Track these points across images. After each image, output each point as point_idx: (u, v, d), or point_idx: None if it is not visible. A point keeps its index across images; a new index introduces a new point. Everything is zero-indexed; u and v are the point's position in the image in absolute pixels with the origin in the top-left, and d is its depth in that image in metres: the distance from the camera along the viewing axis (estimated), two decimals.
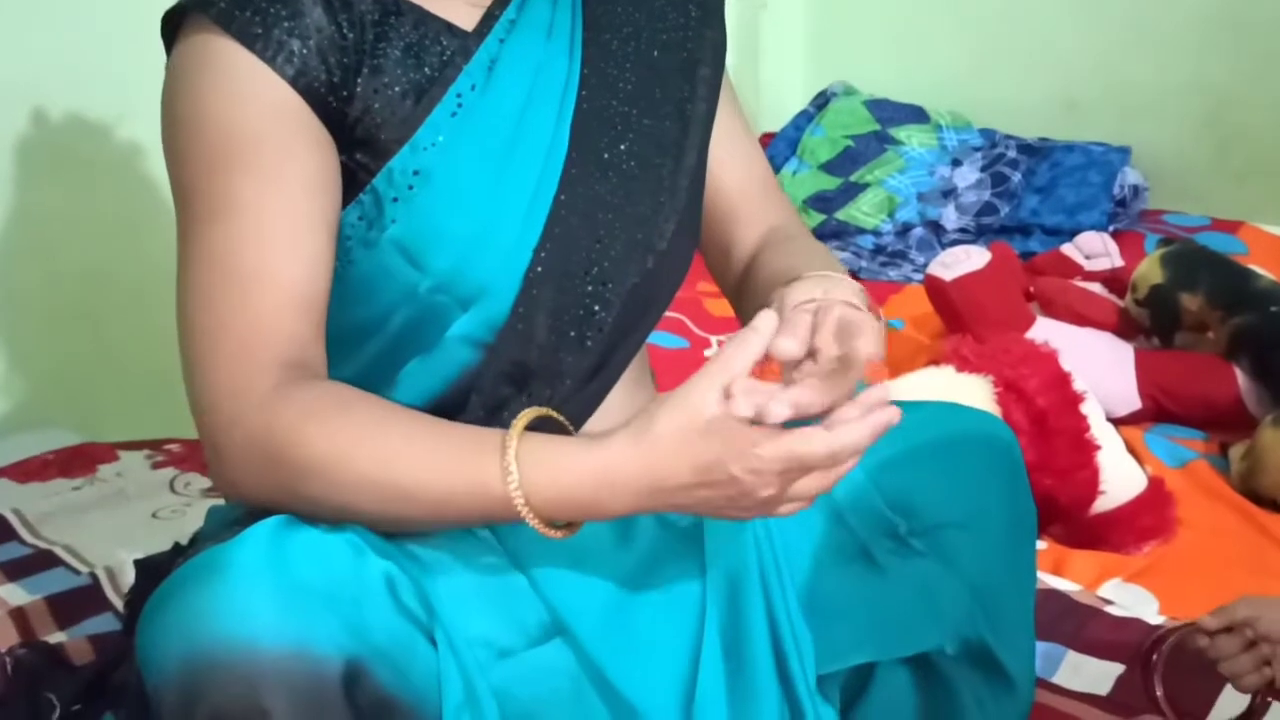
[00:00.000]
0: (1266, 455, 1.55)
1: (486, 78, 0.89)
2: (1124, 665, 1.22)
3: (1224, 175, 2.40)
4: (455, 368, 0.90)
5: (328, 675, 0.69)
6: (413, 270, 0.87)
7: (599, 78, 0.94)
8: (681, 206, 0.97)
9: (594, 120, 0.93)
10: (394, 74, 0.87)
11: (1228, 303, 1.74)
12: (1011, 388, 1.44)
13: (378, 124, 0.86)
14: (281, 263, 0.83)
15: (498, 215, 0.89)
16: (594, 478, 0.77)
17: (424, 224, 0.87)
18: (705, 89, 1.00)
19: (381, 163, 0.86)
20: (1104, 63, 2.50)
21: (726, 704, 0.90)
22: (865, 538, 0.99)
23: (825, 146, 2.60)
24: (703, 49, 1.01)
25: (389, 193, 0.86)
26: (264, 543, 0.73)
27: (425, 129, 0.86)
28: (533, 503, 0.77)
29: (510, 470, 0.76)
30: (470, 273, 0.88)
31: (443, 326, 0.89)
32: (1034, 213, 2.36)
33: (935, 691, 1.01)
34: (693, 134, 0.98)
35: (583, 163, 0.92)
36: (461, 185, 0.87)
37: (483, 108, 0.88)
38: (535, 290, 0.90)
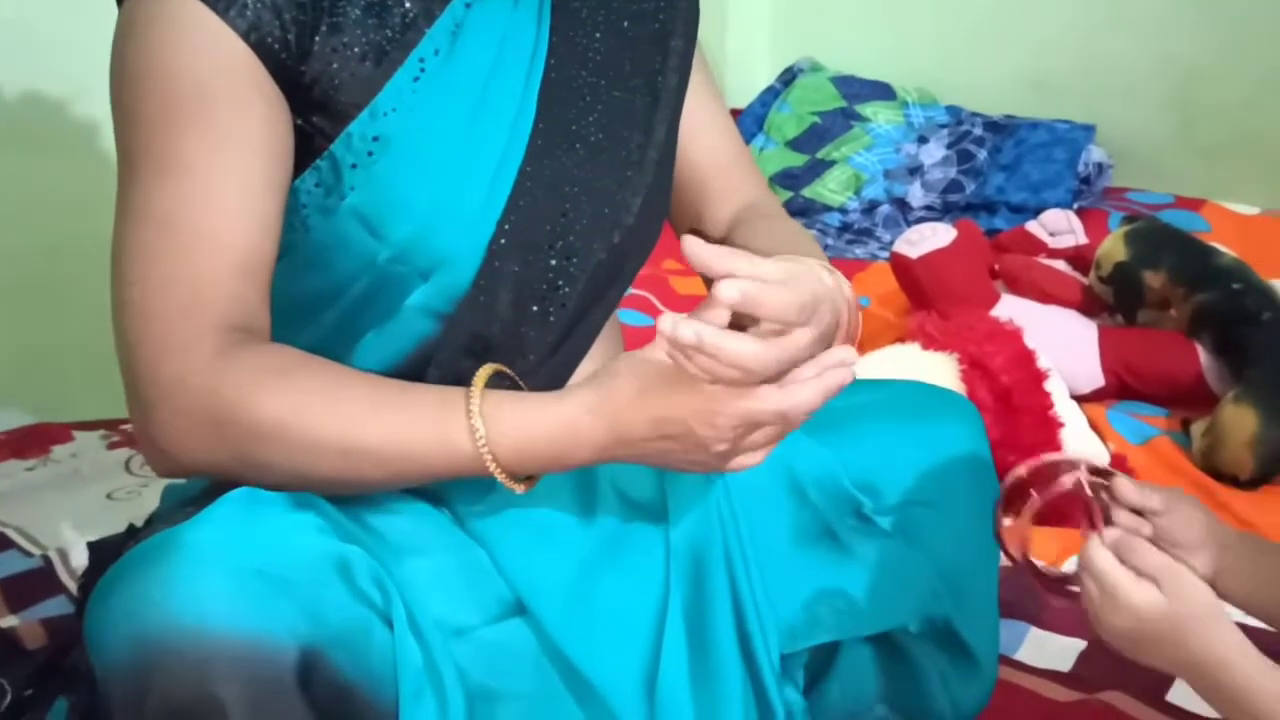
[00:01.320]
0: (1227, 431, 1.56)
1: (451, 43, 0.86)
2: (1086, 641, 1.23)
3: (1188, 153, 2.41)
4: (413, 339, 0.89)
5: (282, 663, 0.68)
6: (371, 239, 0.85)
7: (567, 46, 0.92)
8: (649, 181, 0.95)
9: (562, 90, 0.91)
10: (354, 34, 0.84)
11: (1190, 280, 1.75)
12: (976, 365, 1.44)
13: (335, 86, 0.83)
14: (228, 223, 0.80)
15: (461, 185, 0.87)
16: (558, 430, 0.78)
17: (384, 192, 0.85)
18: (677, 60, 0.98)
19: (340, 127, 0.84)
20: (1069, 41, 2.50)
21: (689, 683, 0.89)
22: (830, 516, 0.99)
23: (792, 123, 2.59)
24: (675, 19, 0.99)
25: (347, 159, 0.84)
26: (217, 525, 0.71)
27: (385, 94, 0.84)
28: (499, 457, 0.78)
29: (476, 427, 0.77)
30: (431, 243, 0.86)
31: (401, 296, 0.87)
32: (1000, 190, 2.37)
33: (899, 669, 1.02)
34: (663, 107, 0.96)
35: (549, 134, 0.90)
36: (423, 153, 0.85)
37: (447, 74, 0.86)
38: (498, 262, 0.88)
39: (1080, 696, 1.14)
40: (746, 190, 1.05)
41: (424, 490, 0.88)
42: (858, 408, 1.01)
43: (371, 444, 0.78)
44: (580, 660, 0.86)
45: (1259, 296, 1.69)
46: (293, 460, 0.77)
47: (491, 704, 0.81)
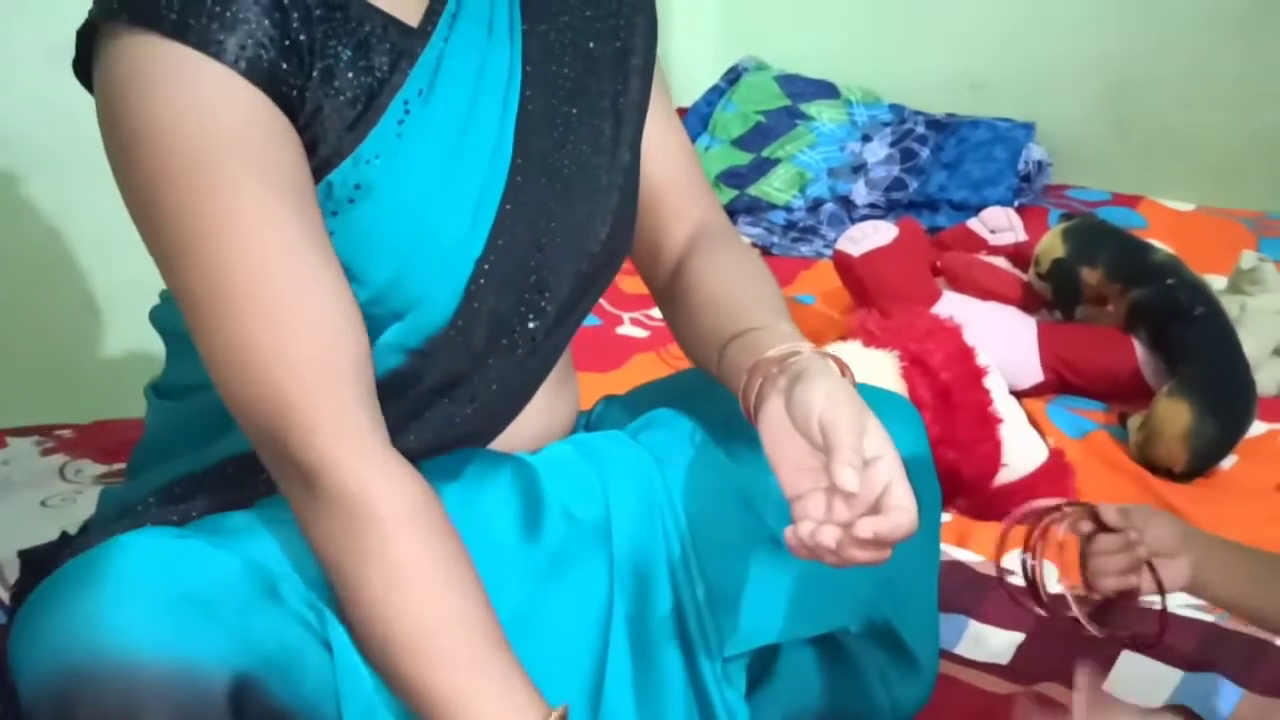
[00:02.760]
0: (1161, 425, 1.59)
1: (432, 81, 0.84)
2: (1024, 634, 1.24)
3: (1124, 151, 2.45)
4: (378, 371, 0.86)
5: (212, 691, 0.67)
6: (350, 282, 0.82)
7: (540, 74, 0.90)
8: (615, 207, 0.94)
9: (537, 121, 0.89)
10: (345, 77, 0.80)
11: (1126, 276, 1.77)
12: (916, 362, 1.45)
13: (322, 131, 0.80)
14: (318, 271, 0.76)
15: (441, 225, 0.84)
16: None
17: (364, 237, 0.82)
18: (638, 80, 0.96)
19: (322, 173, 0.80)
20: (1009, 39, 2.53)
21: (633, 696, 0.89)
22: (771, 521, 0.99)
23: (737, 122, 2.60)
24: (635, 37, 0.97)
25: (328, 206, 0.81)
26: (144, 549, 0.70)
27: (370, 141, 0.81)
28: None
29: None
30: (409, 284, 0.84)
31: (374, 335, 0.84)
32: (941, 188, 2.39)
33: (840, 670, 1.02)
34: (625, 129, 0.95)
35: (527, 169, 0.88)
36: (405, 197, 0.82)
37: (428, 115, 0.83)
38: (477, 302, 0.86)
39: (1017, 688, 1.16)
40: (701, 208, 1.03)
41: None
42: None
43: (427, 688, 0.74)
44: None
45: (1193, 292, 1.72)
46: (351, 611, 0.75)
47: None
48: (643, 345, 1.96)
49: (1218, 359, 1.64)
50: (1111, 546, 0.94)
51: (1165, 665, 1.16)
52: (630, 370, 1.86)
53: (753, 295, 0.94)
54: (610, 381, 1.67)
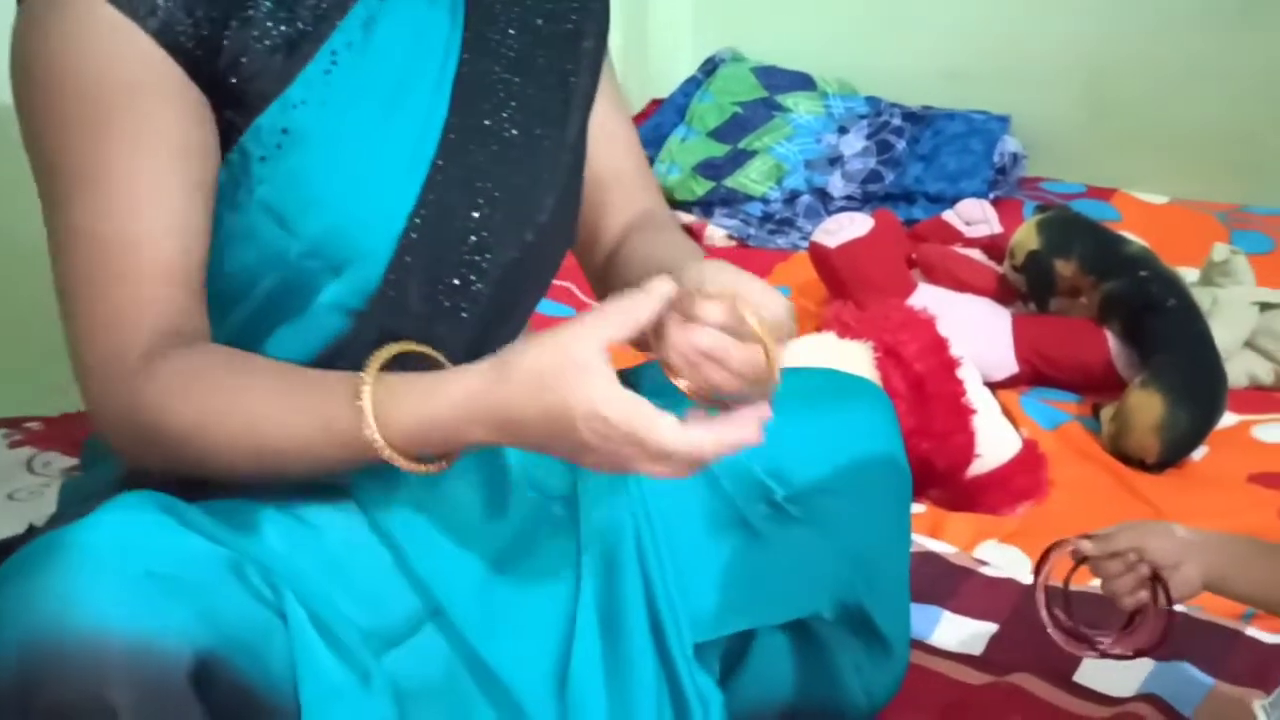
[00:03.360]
0: (1133, 416, 1.59)
1: (364, 35, 0.86)
2: (997, 625, 1.25)
3: (1098, 144, 2.45)
4: (326, 336, 0.88)
5: (176, 666, 0.67)
6: (282, 233, 0.84)
7: (480, 42, 0.91)
8: (562, 181, 0.95)
9: (475, 86, 0.90)
10: (264, 26, 0.83)
11: (1100, 269, 1.78)
12: (890, 353, 1.45)
13: (246, 79, 0.82)
14: (151, 231, 0.80)
15: (373, 178, 0.86)
16: (452, 411, 0.78)
17: (294, 185, 0.84)
18: (588, 61, 0.98)
19: (249, 120, 0.83)
20: (984, 32, 2.53)
21: (603, 677, 0.89)
22: (742, 504, 0.99)
23: (714, 113, 2.60)
24: (587, 21, 0.98)
25: (256, 152, 0.83)
26: (107, 527, 0.70)
27: (296, 86, 0.83)
28: (395, 444, 0.78)
29: (368, 421, 0.77)
30: (343, 237, 0.85)
31: (313, 293, 0.86)
32: (918, 180, 2.39)
33: (813, 657, 1.02)
34: (574, 107, 0.96)
35: (462, 129, 0.89)
36: (335, 146, 0.84)
37: (359, 67, 0.85)
38: (409, 257, 0.87)
39: (991, 679, 1.16)
40: (643, 201, 1.05)
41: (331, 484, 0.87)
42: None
43: (277, 446, 0.79)
44: (493, 660, 0.85)
45: (1165, 284, 1.73)
46: (210, 463, 0.80)
47: (400, 705, 0.80)
48: None
49: (1190, 351, 1.65)
50: (1115, 570, 0.97)
51: None
52: None
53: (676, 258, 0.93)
54: None
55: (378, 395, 0.78)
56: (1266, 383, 1.78)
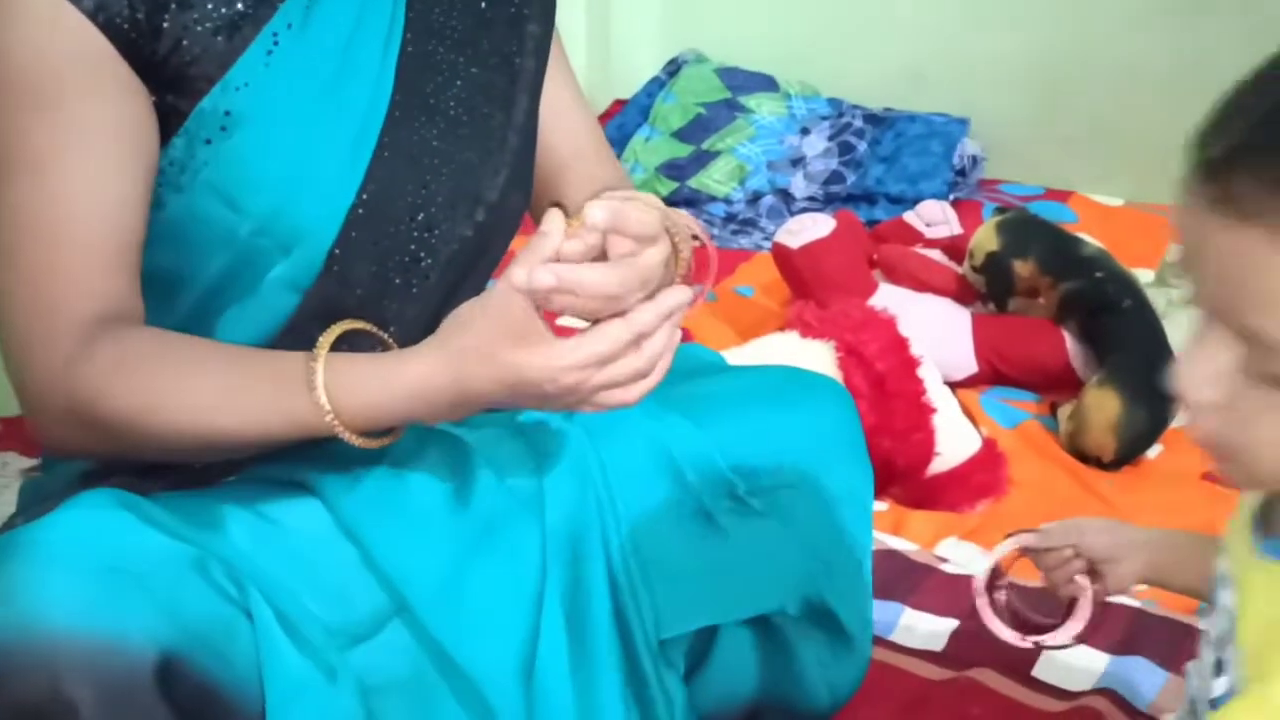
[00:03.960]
0: (1090, 414, 1.62)
1: (305, 16, 0.86)
2: (958, 621, 1.26)
3: (1055, 147, 2.48)
4: (276, 315, 0.88)
5: (138, 663, 0.66)
6: (230, 213, 0.85)
7: (423, 22, 0.92)
8: (511, 159, 0.96)
9: (419, 65, 0.91)
10: (205, 9, 0.83)
11: (1057, 269, 1.80)
12: (852, 352, 1.47)
13: (187, 62, 0.82)
14: (85, 217, 0.80)
15: (318, 155, 0.86)
16: (405, 392, 0.79)
17: (239, 166, 0.84)
18: (533, 44, 0.98)
19: (192, 103, 0.83)
20: (942, 35, 2.56)
21: (568, 671, 0.89)
22: (706, 499, 0.99)
23: (677, 114, 2.60)
24: (531, 4, 0.99)
25: (200, 134, 0.83)
26: (71, 524, 0.69)
27: (237, 68, 0.83)
28: (349, 424, 0.79)
29: (321, 402, 0.78)
30: (290, 214, 0.86)
31: (263, 272, 0.87)
32: (879, 181, 2.41)
33: (776, 652, 1.03)
34: (520, 89, 0.97)
35: (408, 106, 0.90)
36: (278, 126, 0.85)
37: (301, 48, 0.85)
38: (355, 232, 0.88)
39: (951, 674, 1.18)
40: (603, 177, 1.05)
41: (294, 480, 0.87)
42: (733, 391, 1.02)
43: (225, 426, 0.80)
44: (458, 653, 0.85)
45: (1121, 285, 1.75)
46: (159, 445, 0.80)
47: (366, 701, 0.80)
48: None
49: (1145, 350, 1.67)
50: (1053, 563, 1.01)
51: (1093, 650, 1.19)
52: None
53: None
54: None
55: (330, 378, 0.79)
56: None
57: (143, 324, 0.83)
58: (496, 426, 0.97)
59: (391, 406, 0.80)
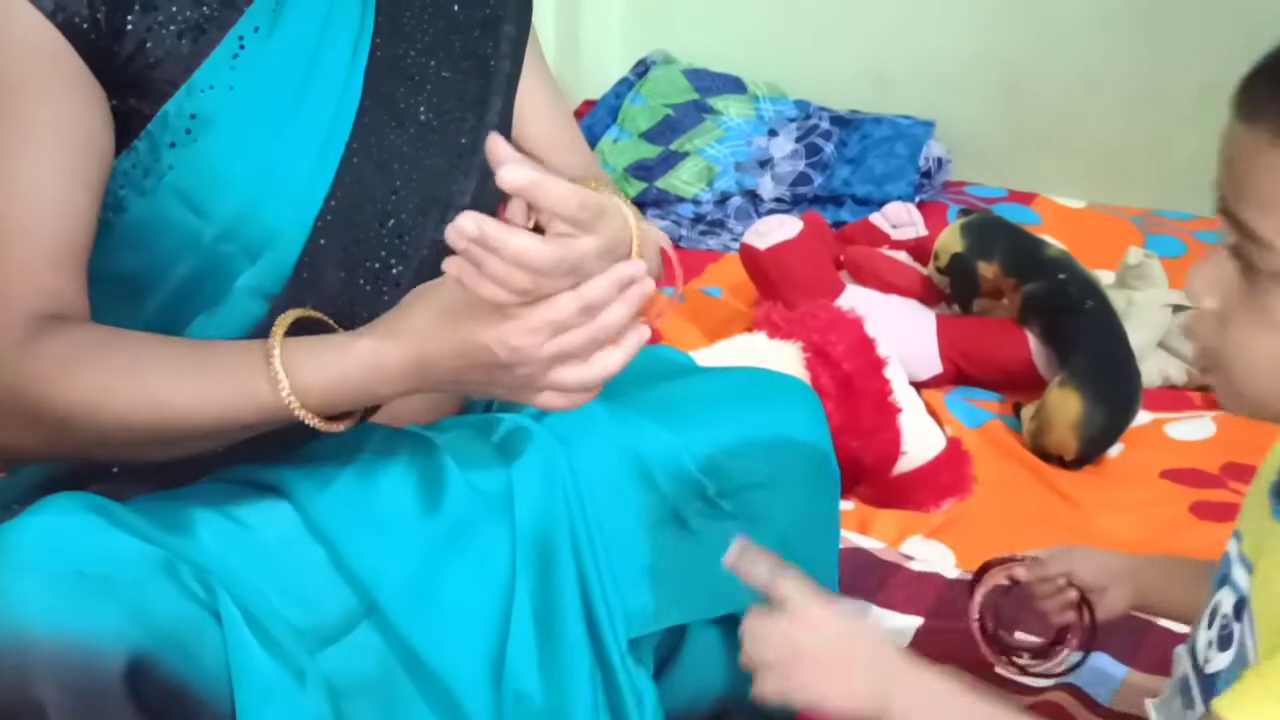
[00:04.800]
0: (1053, 414, 1.64)
1: (272, 20, 0.85)
2: (923, 618, 1.27)
3: (1019, 149, 2.51)
4: (244, 322, 0.88)
5: (107, 665, 0.66)
6: (195, 218, 0.84)
7: (393, 26, 0.92)
8: (483, 163, 0.94)
9: (389, 69, 0.91)
10: (169, 11, 0.82)
11: (1020, 271, 1.82)
12: (819, 353, 1.48)
13: (150, 64, 0.82)
14: (33, 216, 0.79)
15: (285, 160, 0.86)
16: (363, 370, 0.78)
17: (205, 170, 0.84)
18: (509, 46, 0.98)
19: (156, 107, 0.83)
20: (907, 37, 2.58)
21: (538, 671, 0.89)
22: (676, 500, 1.00)
23: (645, 115, 2.61)
24: (506, 5, 0.99)
25: (165, 138, 0.83)
26: (38, 527, 0.69)
27: (203, 71, 0.83)
28: (309, 405, 0.78)
29: (280, 380, 0.77)
30: (257, 219, 0.85)
31: (230, 279, 0.86)
32: (845, 183, 2.43)
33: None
34: (494, 91, 0.96)
35: (376, 111, 0.90)
36: (246, 130, 0.84)
37: (267, 52, 0.85)
38: (324, 239, 0.88)
39: None
40: (580, 168, 1.06)
41: (264, 482, 0.87)
42: (701, 393, 1.03)
43: (182, 415, 0.78)
44: (428, 655, 0.85)
45: (1083, 286, 1.78)
46: (106, 439, 0.78)
47: (335, 703, 0.80)
48: None
49: (1106, 351, 1.70)
50: (1047, 592, 1.01)
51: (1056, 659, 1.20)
52: None
53: None
54: None
55: (286, 356, 0.78)
56: (1179, 382, 1.84)
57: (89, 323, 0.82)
58: (466, 429, 0.97)
59: (349, 383, 0.79)
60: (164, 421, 0.78)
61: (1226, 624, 0.74)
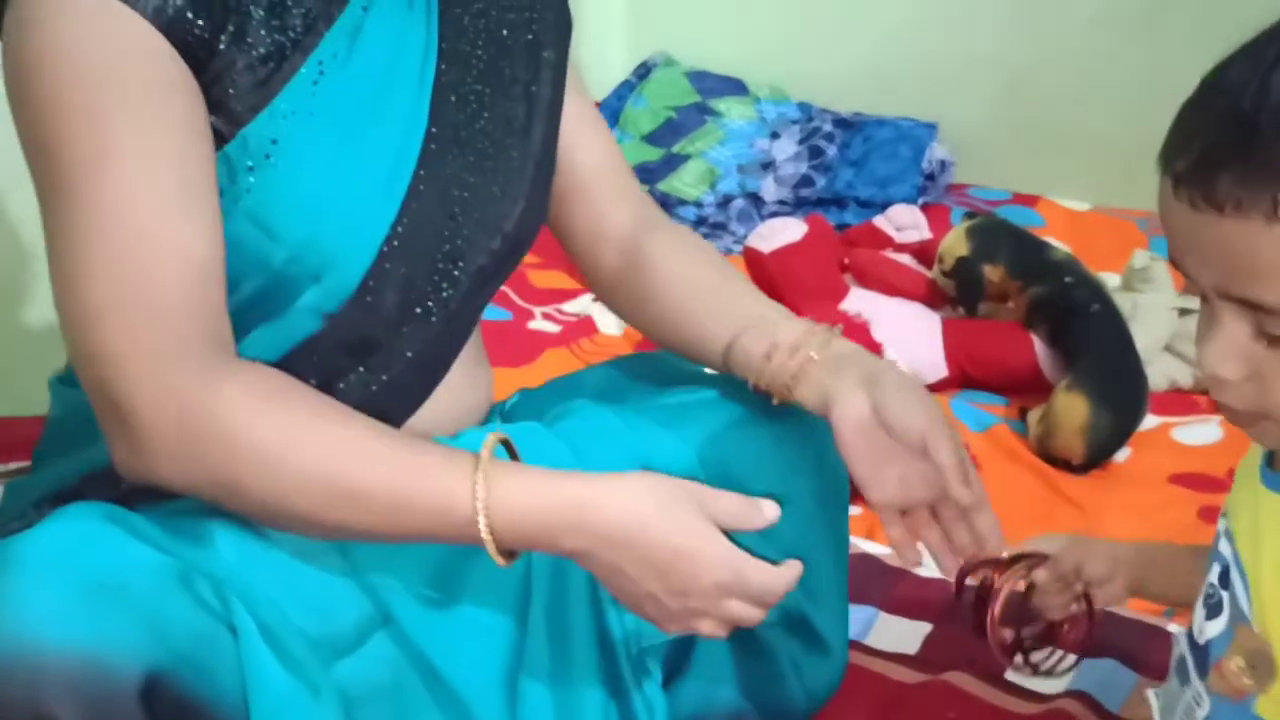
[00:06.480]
0: (1059, 418, 1.63)
1: (350, 46, 0.85)
2: (931, 624, 1.27)
3: (1023, 151, 2.51)
4: (297, 336, 0.87)
5: (123, 680, 0.66)
6: (267, 240, 0.83)
7: (455, 52, 0.92)
8: (528, 190, 0.96)
9: (452, 95, 0.91)
10: (257, 34, 0.82)
11: (1026, 274, 1.82)
12: None
13: (235, 85, 0.81)
14: (179, 218, 0.77)
15: (356, 187, 0.86)
16: (565, 510, 0.77)
17: (281, 195, 0.83)
18: (550, 73, 0.99)
19: (235, 129, 0.82)
20: (910, 38, 2.57)
21: (549, 682, 0.89)
22: None
23: (647, 118, 2.61)
24: (546, 31, 0.99)
25: (244, 160, 0.82)
26: (55, 537, 0.69)
27: (284, 96, 0.82)
28: (493, 524, 0.76)
29: (479, 489, 0.75)
30: (325, 245, 0.85)
31: (293, 297, 0.86)
32: (848, 185, 2.43)
33: (753, 659, 1.04)
34: (537, 117, 0.97)
35: (441, 139, 0.90)
36: (321, 156, 0.84)
37: (345, 77, 0.85)
38: (388, 264, 0.87)
39: (926, 677, 1.18)
40: (633, 196, 1.07)
41: None
42: (710, 400, 1.03)
43: (364, 486, 0.76)
44: (443, 665, 0.85)
45: (1089, 289, 1.77)
46: (273, 490, 0.75)
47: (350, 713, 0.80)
48: (554, 340, 1.95)
49: (1112, 354, 1.69)
50: (1053, 588, 1.02)
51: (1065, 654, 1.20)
52: (542, 365, 1.85)
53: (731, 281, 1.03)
54: (522, 376, 1.67)
55: (491, 473, 0.76)
56: (1185, 386, 1.83)
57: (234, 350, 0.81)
58: (480, 432, 0.97)
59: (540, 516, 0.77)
60: (340, 488, 0.76)
61: (1213, 592, 0.75)
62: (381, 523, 0.77)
